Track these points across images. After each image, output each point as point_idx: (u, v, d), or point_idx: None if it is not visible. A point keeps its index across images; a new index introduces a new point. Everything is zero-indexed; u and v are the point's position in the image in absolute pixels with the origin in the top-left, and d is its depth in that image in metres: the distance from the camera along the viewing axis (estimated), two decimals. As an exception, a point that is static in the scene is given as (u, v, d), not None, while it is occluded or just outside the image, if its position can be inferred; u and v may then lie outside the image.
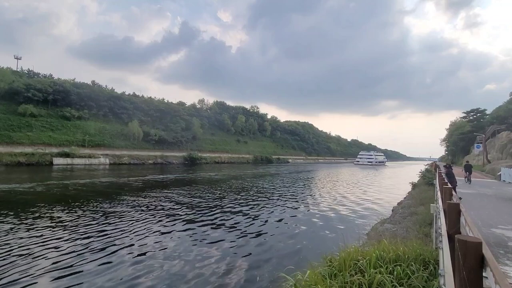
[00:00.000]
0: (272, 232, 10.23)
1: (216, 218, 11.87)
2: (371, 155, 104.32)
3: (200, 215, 12.39)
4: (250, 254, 7.97)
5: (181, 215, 12.16)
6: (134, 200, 15.13)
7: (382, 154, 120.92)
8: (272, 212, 13.81)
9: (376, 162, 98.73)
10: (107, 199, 15.35)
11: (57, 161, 40.71)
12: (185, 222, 11.02)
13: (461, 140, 60.83)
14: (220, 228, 10.49)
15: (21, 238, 8.45)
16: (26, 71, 64.46)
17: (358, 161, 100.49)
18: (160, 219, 11.41)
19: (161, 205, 14.08)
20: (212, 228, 10.43)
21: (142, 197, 16.20)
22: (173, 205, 14.21)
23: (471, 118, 58.38)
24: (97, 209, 12.77)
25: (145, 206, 13.78)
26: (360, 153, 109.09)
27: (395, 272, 3.94)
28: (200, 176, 32.17)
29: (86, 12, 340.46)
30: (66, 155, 42.56)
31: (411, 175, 31.77)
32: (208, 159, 67.67)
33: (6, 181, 20.80)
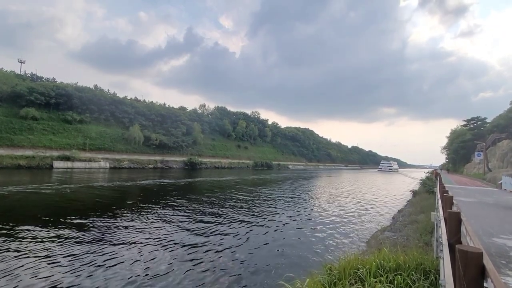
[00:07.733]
0: (271, 239, 10.14)
1: (214, 225, 11.78)
2: (390, 163, 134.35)
3: (199, 221, 12.31)
4: (249, 261, 7.88)
5: (180, 221, 12.08)
6: (133, 203, 15.05)
7: (396, 162, 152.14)
8: (272, 219, 13.70)
9: (394, 169, 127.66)
10: (104, 203, 15.28)
11: (57, 164, 40.73)
12: (183, 229, 10.94)
13: (461, 148, 60.74)
14: (218, 235, 10.40)
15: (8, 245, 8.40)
16: (29, 75, 64.81)
17: (381, 168, 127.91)
18: (158, 224, 11.34)
19: (158, 211, 13.99)
20: (210, 235, 10.35)
21: (141, 201, 16.11)
22: (171, 211, 14.13)
23: (471, 126, 58.39)
24: (94, 213, 12.70)
25: (142, 210, 13.69)
26: (381, 162, 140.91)
27: (395, 282, 3.90)
28: (199, 182, 32.08)
29: (92, 18, 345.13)
30: (67, 158, 42.64)
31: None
32: (208, 164, 67.67)
33: (4, 183, 20.76)
